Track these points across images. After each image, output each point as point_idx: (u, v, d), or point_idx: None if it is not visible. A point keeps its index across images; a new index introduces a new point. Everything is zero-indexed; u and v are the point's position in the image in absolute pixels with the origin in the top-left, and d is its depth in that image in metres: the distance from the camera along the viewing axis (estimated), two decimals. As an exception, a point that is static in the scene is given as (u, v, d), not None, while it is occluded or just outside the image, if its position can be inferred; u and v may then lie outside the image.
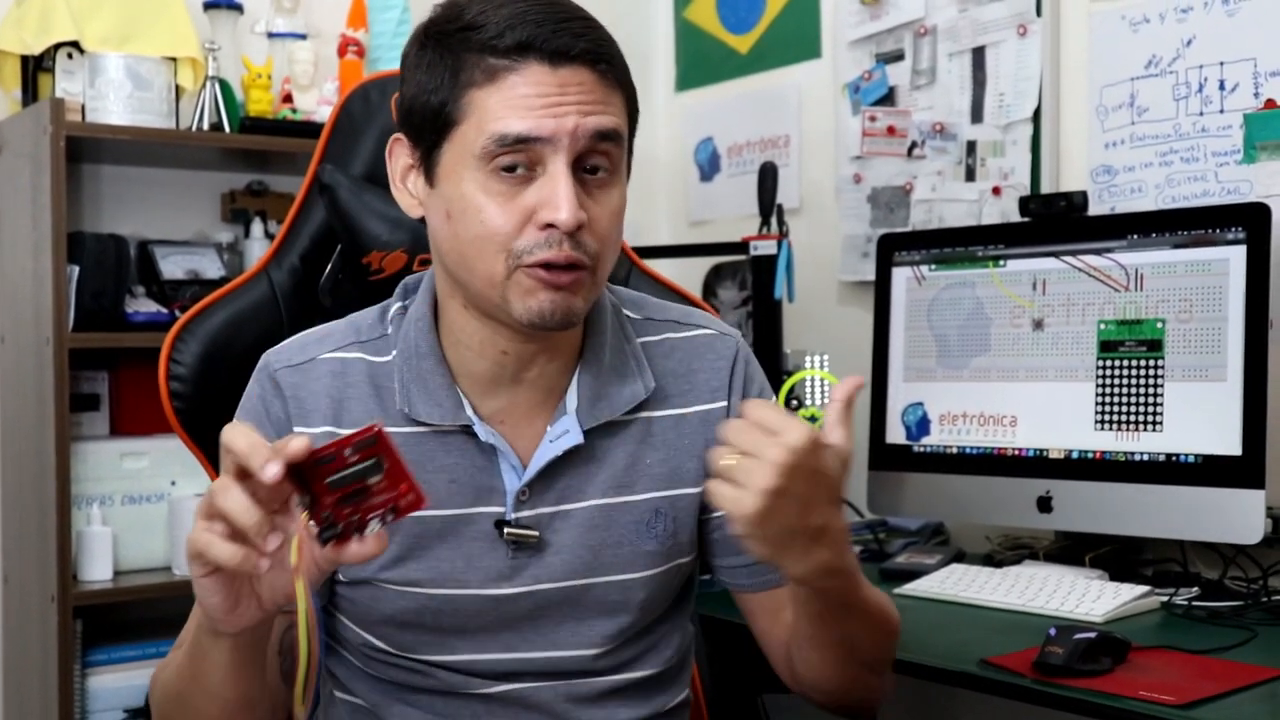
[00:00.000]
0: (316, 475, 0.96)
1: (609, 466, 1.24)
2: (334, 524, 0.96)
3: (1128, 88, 2.09)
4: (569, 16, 1.14)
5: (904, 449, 2.05)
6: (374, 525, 0.97)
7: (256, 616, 1.02)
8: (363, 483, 0.96)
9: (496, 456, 1.21)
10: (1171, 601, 1.70)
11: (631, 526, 1.24)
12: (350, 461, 0.96)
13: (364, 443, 0.96)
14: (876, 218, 2.48)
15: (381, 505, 0.97)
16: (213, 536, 0.94)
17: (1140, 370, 1.81)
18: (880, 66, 2.49)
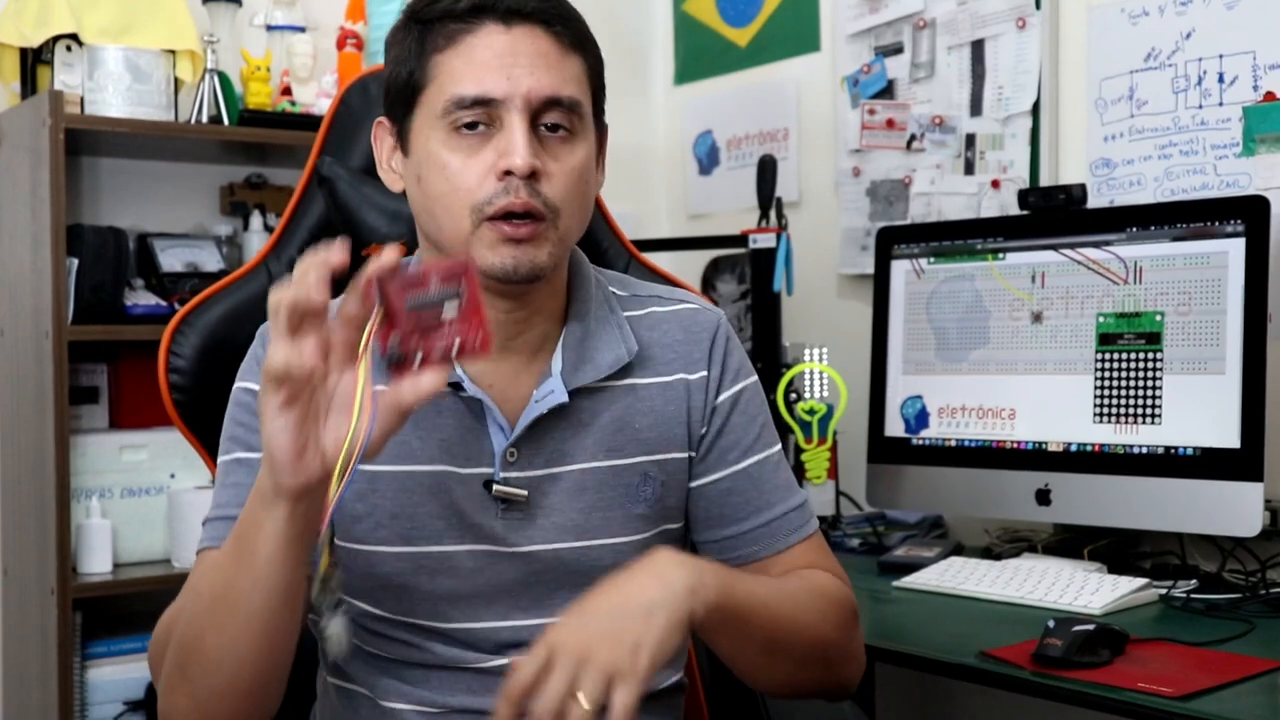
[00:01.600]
0: (398, 295, 0.98)
1: (597, 430, 1.26)
2: (400, 352, 0.98)
3: (1127, 81, 2.09)
4: (558, 11, 1.19)
5: (903, 442, 2.06)
6: (438, 354, 0.99)
7: (319, 474, 0.99)
8: (438, 312, 0.98)
9: (485, 418, 1.23)
10: (1170, 594, 1.71)
11: (621, 490, 1.26)
12: (434, 285, 0.99)
13: (451, 271, 0.99)
14: (875, 211, 2.48)
15: (449, 341, 0.99)
16: (296, 343, 0.96)
17: (1139, 363, 1.81)
18: (879, 59, 2.49)
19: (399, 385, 0.98)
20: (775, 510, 1.31)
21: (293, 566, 1.05)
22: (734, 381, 1.33)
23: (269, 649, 1.08)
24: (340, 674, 1.28)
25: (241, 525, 1.06)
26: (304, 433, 0.98)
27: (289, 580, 1.06)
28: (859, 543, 2.14)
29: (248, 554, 1.05)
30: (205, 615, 1.09)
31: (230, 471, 1.22)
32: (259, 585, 1.05)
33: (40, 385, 2.23)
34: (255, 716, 1.13)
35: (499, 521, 1.23)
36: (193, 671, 1.10)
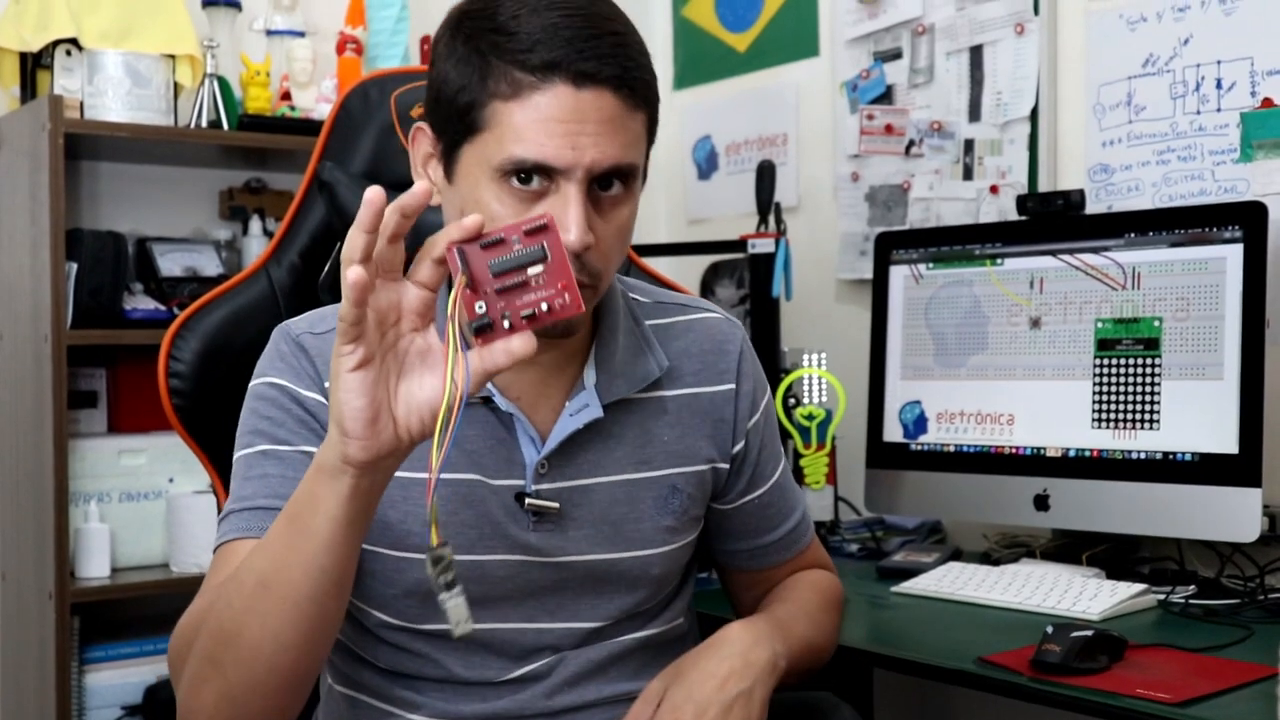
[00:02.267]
0: (479, 259, 0.98)
1: (627, 443, 1.27)
2: (486, 317, 0.97)
3: (1125, 86, 2.10)
4: (601, 33, 1.14)
5: (901, 447, 2.06)
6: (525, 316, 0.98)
7: (390, 443, 0.97)
8: (523, 273, 0.97)
9: (516, 430, 1.24)
10: (1168, 600, 1.71)
11: (651, 502, 1.28)
12: (516, 246, 0.98)
13: (534, 228, 0.98)
14: (874, 216, 2.48)
15: (537, 302, 0.98)
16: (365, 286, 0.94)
17: (1137, 368, 1.81)
18: (878, 65, 2.49)
19: (490, 349, 0.97)
20: (794, 517, 1.43)
21: (349, 551, 1.03)
22: (761, 397, 1.37)
23: (313, 639, 1.06)
24: (348, 682, 1.28)
25: (295, 505, 1.03)
26: (376, 398, 0.96)
27: (344, 565, 1.03)
28: (857, 548, 2.14)
29: (302, 535, 1.02)
30: (247, 601, 1.04)
31: (255, 464, 1.19)
32: (312, 569, 1.02)
33: (39, 389, 2.24)
34: (283, 715, 1.10)
35: (531, 533, 1.24)
36: (227, 663, 1.06)
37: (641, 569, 1.28)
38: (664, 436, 1.29)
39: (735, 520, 1.38)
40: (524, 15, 1.12)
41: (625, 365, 1.27)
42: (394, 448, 0.98)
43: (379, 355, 0.96)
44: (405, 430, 0.97)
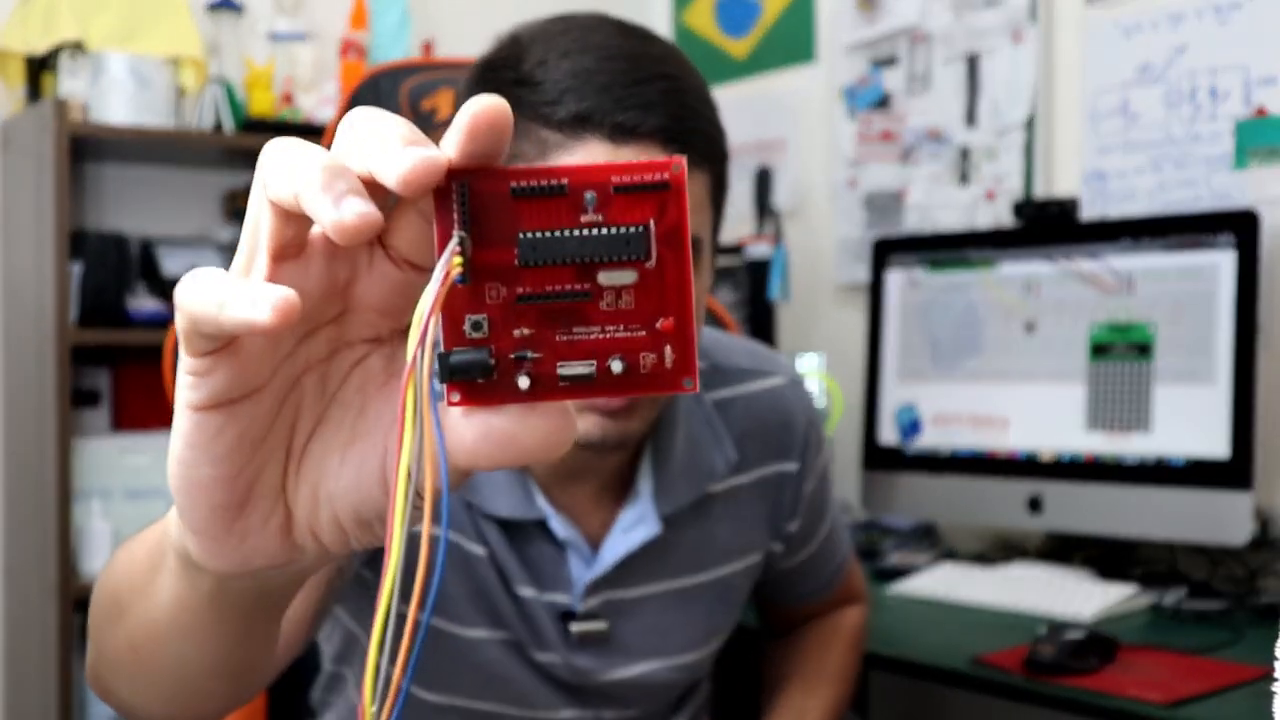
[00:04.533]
0: (501, 217, 0.45)
1: (682, 548, 1.13)
2: (481, 350, 0.45)
3: (1120, 94, 2.12)
4: (643, 77, 0.94)
5: (896, 450, 2.08)
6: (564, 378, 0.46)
7: (276, 555, 0.50)
8: (590, 276, 0.45)
9: (566, 547, 1.09)
10: (1160, 602, 1.73)
11: (703, 605, 1.16)
12: (588, 211, 0.45)
13: (646, 183, 0.45)
14: (871, 221, 2.50)
15: (598, 348, 0.46)
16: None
17: (1130, 373, 1.83)
18: (875, 71, 2.51)
19: (483, 418, 0.46)
20: (836, 560, 1.34)
21: (235, 649, 0.61)
22: (821, 460, 1.24)
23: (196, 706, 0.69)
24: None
25: (153, 552, 0.62)
26: (246, 469, 0.49)
27: (226, 662, 0.63)
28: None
29: (149, 601, 0.62)
30: (102, 623, 0.70)
31: None
32: (168, 651, 0.63)
33: (42, 388, 2.25)
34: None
35: (571, 653, 1.10)
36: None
37: (689, 675, 1.17)
38: (720, 534, 1.15)
39: (783, 580, 1.29)
40: (552, 61, 0.94)
41: (687, 464, 1.11)
42: (288, 559, 0.51)
43: (271, 387, 0.48)
44: (308, 536, 0.50)
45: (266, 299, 0.42)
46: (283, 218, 0.45)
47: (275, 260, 0.46)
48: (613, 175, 0.45)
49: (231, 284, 0.43)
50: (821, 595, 1.34)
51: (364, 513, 0.50)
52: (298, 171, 0.43)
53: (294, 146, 0.45)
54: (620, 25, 0.99)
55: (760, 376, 1.20)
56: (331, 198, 0.42)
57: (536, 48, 0.96)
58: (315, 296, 0.47)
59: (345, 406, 0.50)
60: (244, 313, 0.42)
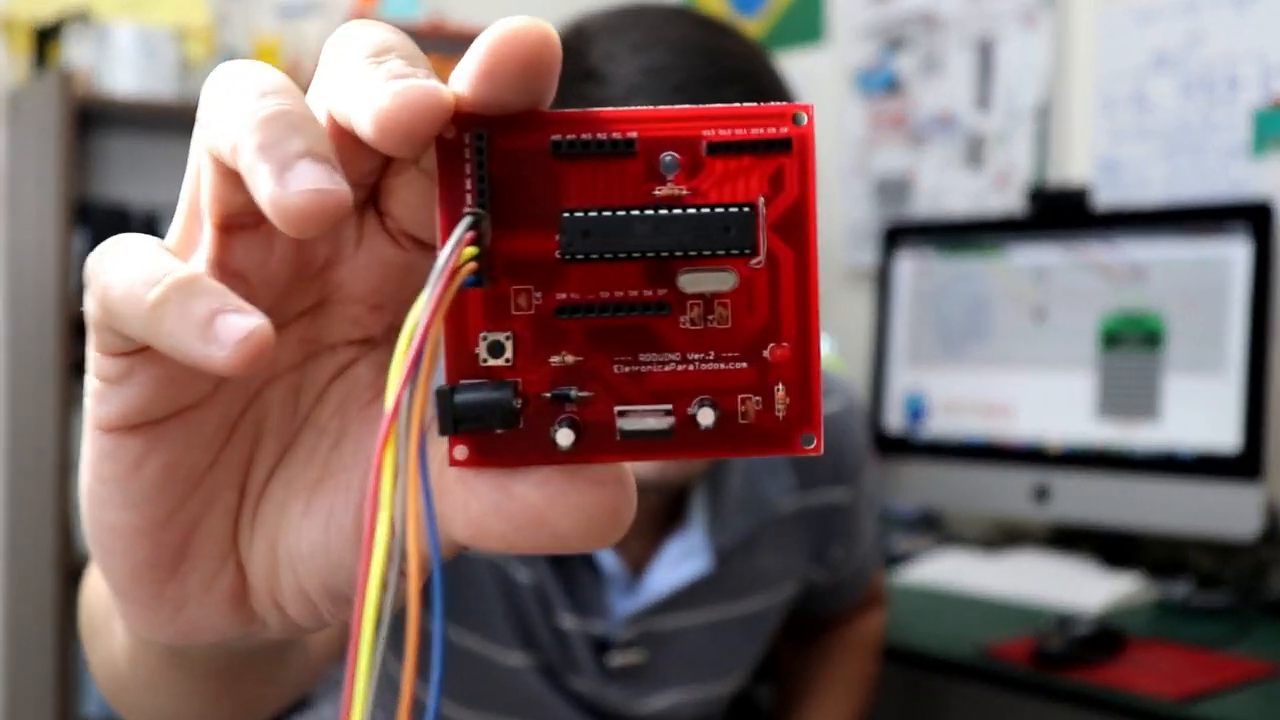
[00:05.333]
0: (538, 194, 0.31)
1: (727, 578, 1.06)
2: (504, 386, 0.31)
3: (1135, 81, 2.10)
4: (720, 76, 0.85)
5: (903, 436, 2.07)
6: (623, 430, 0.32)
7: (225, 624, 0.37)
8: (669, 273, 0.32)
9: (603, 568, 1.01)
10: (1167, 594, 1.72)
11: (742, 633, 1.09)
12: (668, 180, 0.31)
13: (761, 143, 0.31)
14: (881, 206, 2.49)
15: (672, 388, 0.32)
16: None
17: (1141, 363, 1.82)
18: (886, 54, 2.49)
19: (501, 482, 0.32)
20: (872, 570, 1.29)
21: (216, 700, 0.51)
22: (868, 483, 1.18)
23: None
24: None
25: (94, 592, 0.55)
26: (180, 513, 0.36)
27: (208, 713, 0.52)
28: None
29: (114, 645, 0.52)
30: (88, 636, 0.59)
31: None
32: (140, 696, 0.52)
33: (43, 359, 2.24)
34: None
35: (608, 685, 1.03)
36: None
37: (715, 703, 1.11)
38: (766, 564, 1.08)
39: (810, 593, 1.21)
40: (621, 55, 0.86)
41: (744, 494, 1.03)
42: (242, 632, 0.38)
43: (216, 403, 0.35)
44: (269, 606, 0.37)
45: (226, 332, 0.29)
46: (225, 176, 0.32)
47: (223, 230, 0.33)
48: (705, 128, 0.31)
49: (174, 277, 0.30)
50: (849, 606, 1.31)
51: (334, 583, 0.35)
52: (240, 115, 0.30)
53: (243, 75, 0.32)
54: (697, 17, 0.91)
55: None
56: (273, 163, 0.29)
57: (604, 39, 0.88)
58: (280, 284, 0.34)
59: (321, 432, 0.36)
60: (186, 343, 0.29)
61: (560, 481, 0.32)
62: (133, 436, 0.33)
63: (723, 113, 0.31)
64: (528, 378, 0.31)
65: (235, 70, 0.32)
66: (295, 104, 0.30)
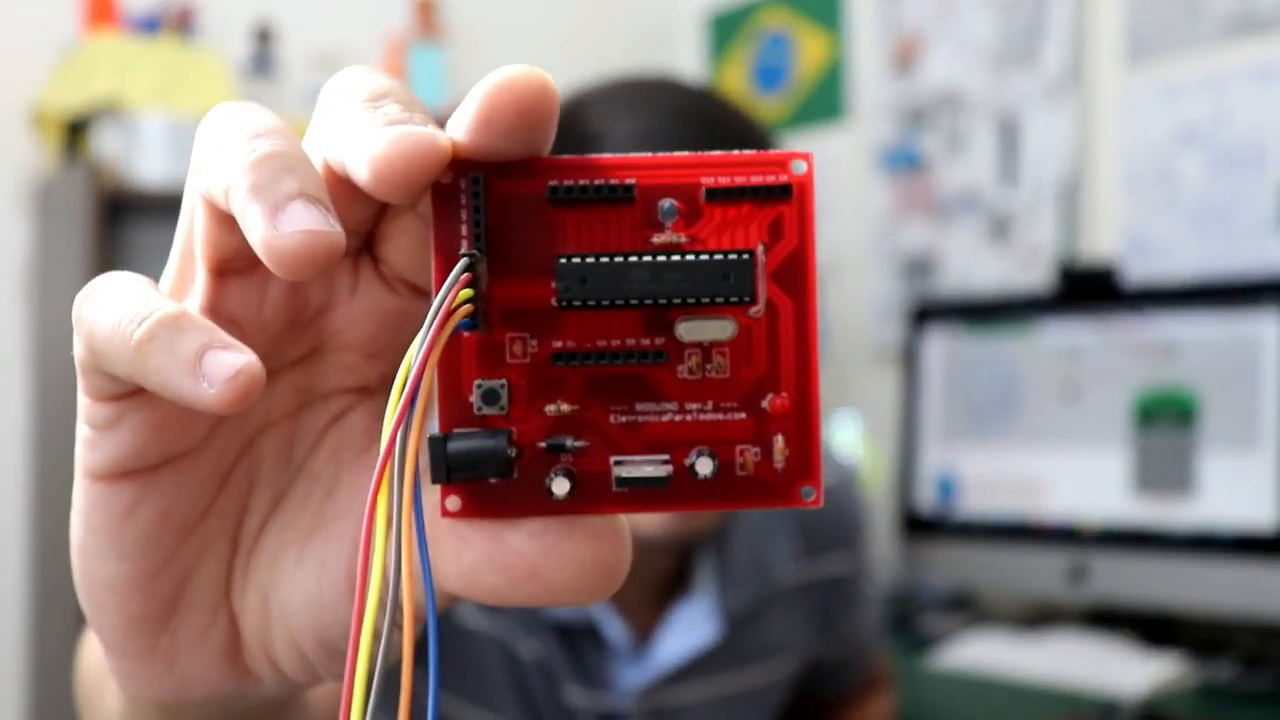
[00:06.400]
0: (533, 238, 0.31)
1: (735, 649, 1.04)
2: (499, 436, 0.30)
3: (1161, 156, 2.10)
4: (718, 136, 0.87)
5: (935, 515, 2.05)
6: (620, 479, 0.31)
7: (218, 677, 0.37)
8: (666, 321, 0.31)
9: (608, 637, 0.99)
10: (1212, 676, 1.69)
11: (750, 709, 1.07)
12: (666, 229, 0.31)
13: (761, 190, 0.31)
14: (906, 283, 2.49)
15: (671, 437, 0.31)
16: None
17: (1175, 440, 1.80)
18: (909, 132, 2.50)
19: (494, 533, 0.32)
20: (870, 644, 1.26)
21: None
22: (866, 555, 1.16)
23: None
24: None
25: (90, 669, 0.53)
26: (174, 565, 0.35)
27: None
28: (886, 618, 2.13)
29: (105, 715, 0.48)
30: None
31: None
32: None
33: (71, 449, 2.24)
34: None
35: None
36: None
37: None
38: (775, 635, 1.06)
39: (819, 673, 1.18)
40: (618, 119, 0.87)
41: (751, 560, 1.01)
42: (237, 687, 0.37)
43: (210, 450, 0.35)
44: (263, 660, 0.37)
45: (216, 369, 0.28)
46: (218, 220, 0.31)
47: (216, 274, 0.33)
48: (704, 174, 0.31)
49: (160, 313, 0.29)
50: (851, 686, 1.27)
51: (327, 635, 0.35)
52: (233, 157, 0.30)
53: (236, 117, 0.31)
54: (691, 86, 0.92)
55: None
56: (266, 204, 0.28)
57: (600, 106, 0.89)
58: (274, 330, 0.34)
59: (315, 481, 0.36)
60: (175, 381, 0.28)
61: (555, 533, 0.31)
62: (124, 484, 0.33)
63: (722, 160, 0.31)
64: (523, 427, 0.31)
65: (228, 113, 0.32)
66: (288, 145, 0.30)
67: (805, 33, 2.75)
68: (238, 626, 0.36)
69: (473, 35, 2.82)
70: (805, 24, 2.75)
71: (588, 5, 3.00)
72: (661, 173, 0.31)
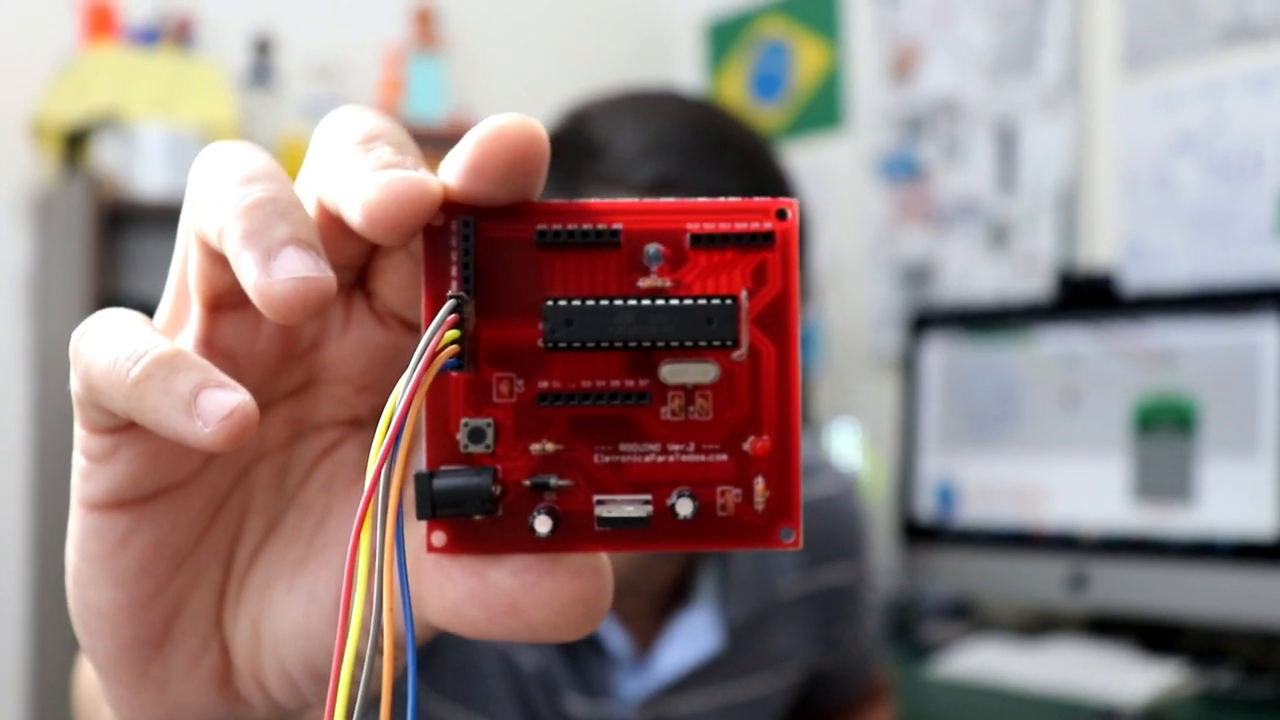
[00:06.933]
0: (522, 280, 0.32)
1: (736, 659, 1.04)
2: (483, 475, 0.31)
3: (1158, 164, 2.10)
4: (724, 143, 0.89)
5: (934, 524, 2.05)
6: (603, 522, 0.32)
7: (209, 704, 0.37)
8: (650, 364, 0.32)
9: (609, 647, 0.98)
10: (1213, 684, 1.69)
11: (748, 718, 1.06)
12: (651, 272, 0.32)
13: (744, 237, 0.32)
14: (904, 291, 2.49)
15: (652, 478, 0.32)
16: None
17: (1175, 447, 1.80)
18: (908, 141, 2.50)
19: (477, 569, 0.33)
20: (870, 654, 1.25)
21: None
22: (866, 563, 1.16)
23: None
24: None
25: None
26: (167, 593, 0.36)
27: None
28: (886, 627, 2.13)
29: None
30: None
31: None
32: None
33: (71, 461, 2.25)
34: None
35: None
36: None
37: None
38: (776, 645, 1.06)
39: (818, 684, 1.17)
40: (624, 129, 0.88)
41: (751, 570, 1.02)
42: (228, 714, 0.38)
43: (204, 482, 0.36)
44: (253, 688, 0.37)
45: (211, 408, 0.29)
46: (212, 258, 0.32)
47: (211, 309, 0.33)
48: (689, 220, 0.31)
49: (156, 352, 0.30)
50: (850, 696, 1.26)
51: (315, 662, 0.36)
52: (226, 200, 0.30)
53: (232, 158, 0.32)
54: (690, 97, 0.94)
55: (818, 481, 1.12)
56: (258, 250, 0.29)
57: (605, 118, 0.89)
58: (268, 363, 0.35)
59: (307, 511, 0.37)
60: (170, 419, 0.29)
61: (537, 570, 0.32)
62: (119, 514, 0.34)
63: (707, 206, 0.32)
64: (508, 465, 0.32)
65: (222, 153, 0.33)
66: (281, 190, 0.31)
67: (803, 41, 2.76)
68: (229, 654, 0.37)
69: (471, 46, 2.82)
70: (803, 33, 2.76)
71: (585, 15, 3.00)
72: (647, 218, 0.31)
